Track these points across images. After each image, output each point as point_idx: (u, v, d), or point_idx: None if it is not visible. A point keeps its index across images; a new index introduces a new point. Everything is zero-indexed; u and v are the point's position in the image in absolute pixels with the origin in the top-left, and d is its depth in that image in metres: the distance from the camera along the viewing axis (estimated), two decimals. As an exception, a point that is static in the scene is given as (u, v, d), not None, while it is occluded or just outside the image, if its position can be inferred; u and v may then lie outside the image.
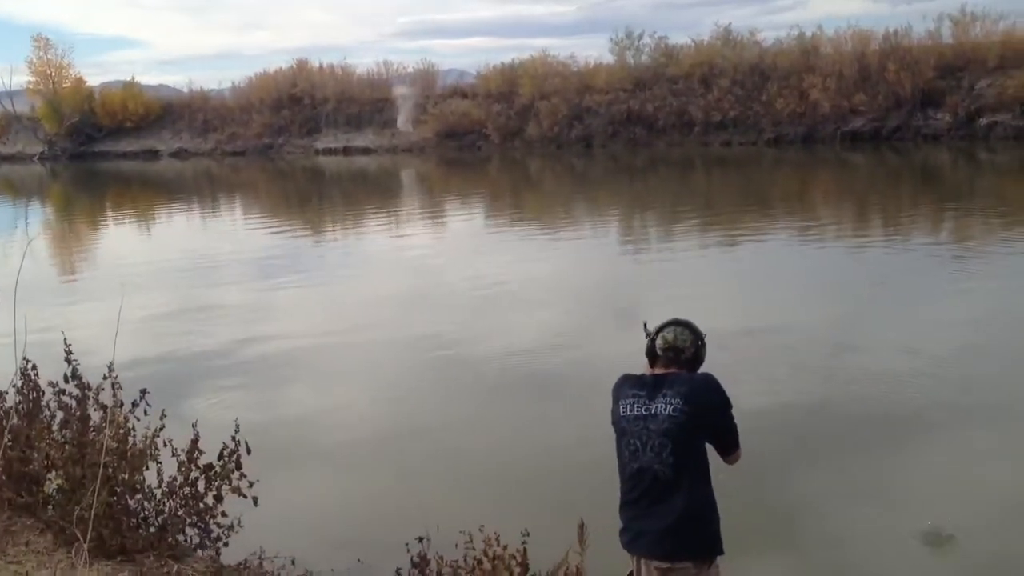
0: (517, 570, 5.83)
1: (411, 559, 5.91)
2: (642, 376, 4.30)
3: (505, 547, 5.80)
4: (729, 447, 4.23)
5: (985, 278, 14.92)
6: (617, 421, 4.26)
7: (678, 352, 4.26)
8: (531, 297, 15.24)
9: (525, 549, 5.81)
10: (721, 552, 4.20)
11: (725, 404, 4.16)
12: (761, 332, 11.91)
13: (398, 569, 5.86)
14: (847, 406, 9.18)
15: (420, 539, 5.97)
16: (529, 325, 13.15)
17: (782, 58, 45.06)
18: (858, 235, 20.16)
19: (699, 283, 15.37)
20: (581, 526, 5.68)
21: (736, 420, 4.22)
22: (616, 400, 4.30)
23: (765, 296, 14.29)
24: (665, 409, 4.09)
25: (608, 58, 52.09)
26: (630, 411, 4.19)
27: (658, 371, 4.30)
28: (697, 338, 4.31)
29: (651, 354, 4.35)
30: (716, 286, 15.12)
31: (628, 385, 4.27)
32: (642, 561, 4.24)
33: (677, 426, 4.06)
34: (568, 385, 10.23)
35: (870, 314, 12.88)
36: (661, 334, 4.31)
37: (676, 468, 4.07)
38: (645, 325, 4.44)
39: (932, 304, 13.11)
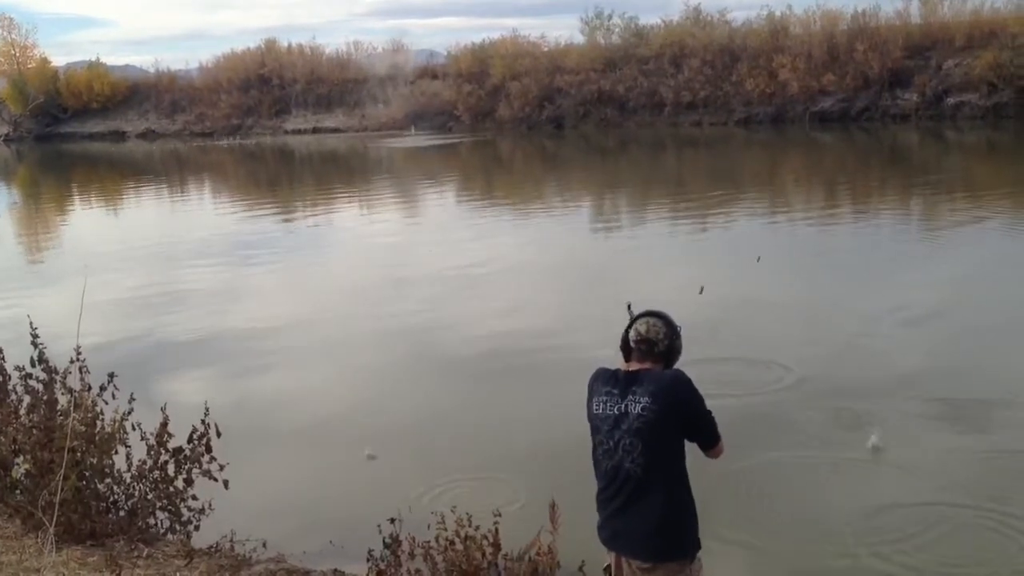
0: (489, 550, 5.85)
1: (383, 540, 5.90)
2: (616, 372, 4.18)
3: (477, 527, 5.82)
4: (707, 443, 4.15)
5: (951, 255, 15.10)
6: (591, 418, 4.19)
7: (651, 345, 4.13)
8: (503, 278, 15.24)
9: (497, 529, 5.83)
10: (699, 547, 4.19)
11: (694, 399, 4.05)
12: (729, 307, 11.98)
13: (370, 550, 5.86)
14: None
15: (392, 520, 5.96)
16: (502, 306, 13.15)
17: (752, 38, 45.13)
18: (827, 214, 20.27)
19: (670, 262, 15.43)
20: (552, 506, 5.71)
21: (712, 415, 4.13)
22: (590, 396, 4.21)
23: (734, 274, 14.36)
24: (634, 408, 4.02)
25: (579, 38, 52.16)
26: (602, 410, 4.11)
27: (632, 366, 4.18)
28: (671, 330, 4.18)
29: (625, 347, 4.23)
30: (686, 265, 15.18)
31: (601, 382, 4.17)
32: (623, 559, 4.22)
33: (647, 425, 3.99)
34: (539, 366, 10.24)
35: (837, 289, 12.97)
36: (634, 326, 4.20)
37: (647, 468, 4.01)
38: (629, 306, 4.35)
39: (896, 279, 13.23)
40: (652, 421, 3.97)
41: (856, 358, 9.98)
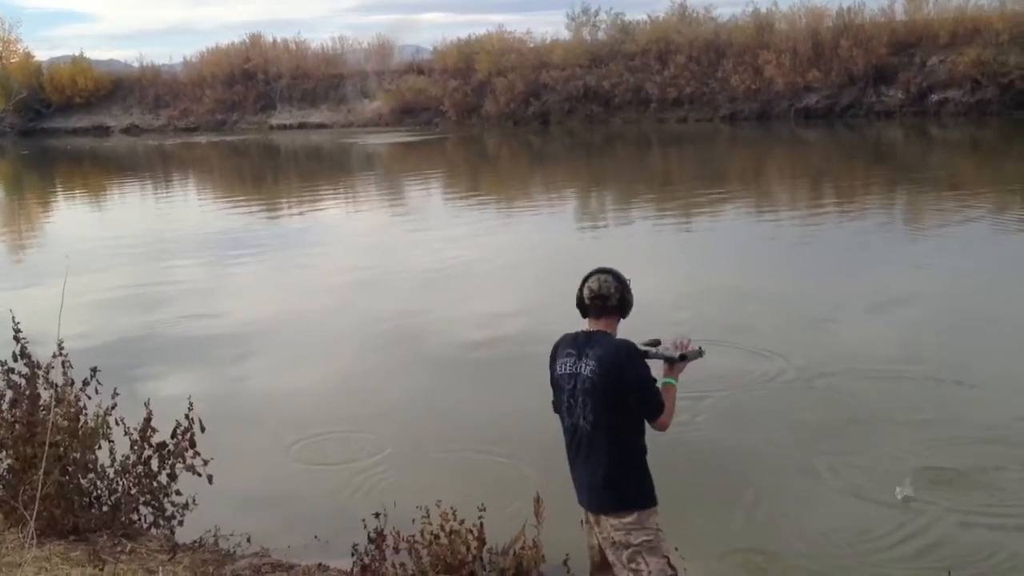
0: (474, 544, 5.86)
1: (368, 535, 5.90)
2: (576, 335, 4.45)
3: (462, 521, 5.82)
4: (649, 414, 4.34)
5: (937, 251, 15.20)
6: (555, 381, 4.47)
7: (604, 300, 4.37)
8: (488, 274, 15.26)
9: (482, 523, 5.83)
10: (650, 505, 4.31)
11: (635, 368, 4.26)
12: (717, 303, 12.02)
13: (355, 545, 5.86)
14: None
15: (377, 515, 5.96)
16: (487, 302, 13.16)
17: (737, 34, 45.18)
18: (812, 211, 20.33)
19: (656, 258, 15.45)
20: (537, 500, 5.72)
21: (655, 386, 4.31)
22: (553, 359, 4.50)
23: (721, 270, 14.45)
24: (585, 369, 4.31)
25: (564, 34, 52.00)
26: (563, 370, 4.40)
27: (590, 326, 4.44)
28: (621, 284, 4.38)
29: (581, 306, 4.47)
30: (671, 261, 15.21)
31: (564, 344, 4.46)
32: (587, 511, 4.50)
33: (593, 386, 4.27)
34: (524, 360, 10.20)
35: (823, 287, 13.02)
36: (587, 284, 4.43)
37: (595, 425, 4.28)
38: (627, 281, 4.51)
39: (883, 277, 13.30)
40: (597, 384, 4.25)
41: (841, 346, 10.06)
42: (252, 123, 56.28)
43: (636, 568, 4.25)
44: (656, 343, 4.59)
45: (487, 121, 48.18)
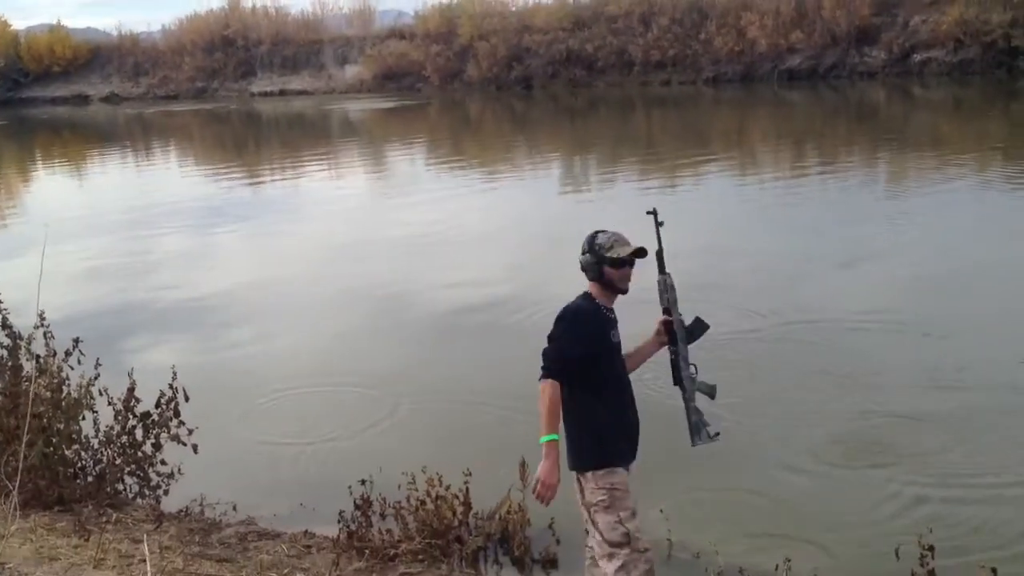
0: (460, 509, 5.90)
1: (354, 501, 5.93)
2: None
3: (448, 487, 5.85)
4: None
5: (917, 208, 15.29)
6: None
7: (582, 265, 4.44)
8: (472, 240, 15.21)
9: (468, 488, 5.87)
10: (591, 468, 4.31)
11: (553, 328, 4.32)
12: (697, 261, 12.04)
13: (341, 512, 5.88)
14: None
15: (363, 482, 5.99)
16: (470, 268, 13.13)
17: (720, -4, 44.91)
18: (794, 172, 20.32)
19: (639, 221, 15.43)
20: (523, 464, 5.75)
21: (552, 346, 4.29)
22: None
23: (703, 230, 14.48)
24: None
25: (547, -3, 51.56)
26: None
27: None
28: (583, 248, 4.40)
29: None
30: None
31: None
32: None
33: None
34: (508, 326, 10.24)
35: (807, 248, 13.06)
36: None
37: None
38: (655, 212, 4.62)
39: (861, 234, 13.36)
40: None
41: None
42: (233, 90, 55.78)
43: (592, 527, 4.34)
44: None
45: (470, 86, 47.87)
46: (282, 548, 5.85)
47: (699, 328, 4.62)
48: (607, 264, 4.28)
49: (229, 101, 53.01)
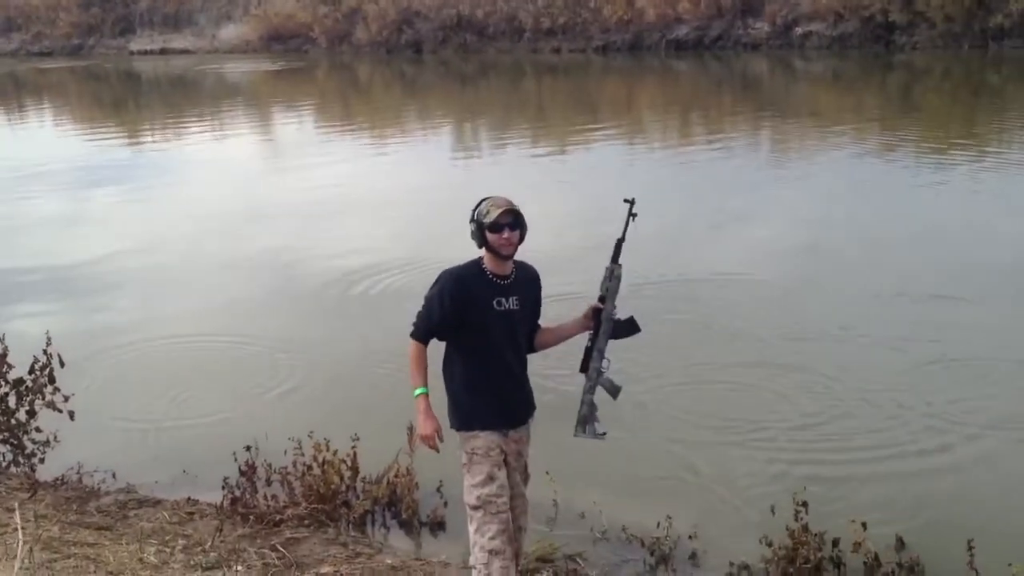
0: (348, 474, 5.88)
1: (239, 467, 5.87)
2: None
3: (335, 452, 5.83)
4: None
5: (797, 177, 15.82)
6: None
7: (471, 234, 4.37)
8: (361, 206, 15.06)
9: (355, 453, 5.85)
10: (455, 428, 4.36)
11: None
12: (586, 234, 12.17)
13: (225, 478, 5.81)
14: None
15: (248, 448, 5.92)
16: (359, 234, 13.00)
17: (610, -36, 45.11)
18: (682, 142, 20.69)
19: (529, 190, 15.49)
20: (411, 429, 5.75)
21: (423, 308, 4.36)
22: None
23: (586, 196, 14.73)
24: None
25: (438, -41, 51.00)
26: None
27: None
28: (469, 218, 4.34)
29: None
30: (545, 192, 15.28)
31: None
32: None
33: None
34: (397, 292, 10.19)
35: (687, 212, 13.35)
36: None
37: None
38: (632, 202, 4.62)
39: (741, 199, 13.72)
40: None
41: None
42: (111, 48, 53.80)
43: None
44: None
45: (359, 49, 47.18)
46: (163, 515, 5.75)
47: (627, 328, 4.51)
48: (487, 230, 4.25)
49: (107, 59, 51.13)
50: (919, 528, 5.40)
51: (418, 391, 4.27)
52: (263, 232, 13.39)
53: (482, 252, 4.32)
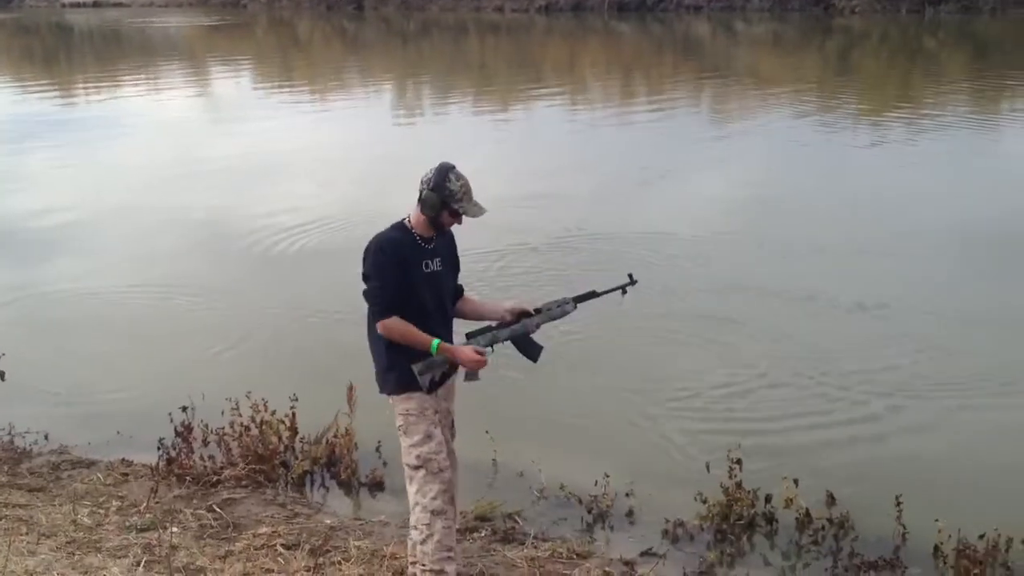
0: (286, 434, 5.85)
1: (175, 428, 5.80)
2: None
3: (274, 412, 5.79)
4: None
5: (741, 140, 15.95)
6: None
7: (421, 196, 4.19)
8: (299, 165, 14.86)
9: (294, 413, 5.82)
10: (387, 392, 4.28)
11: (363, 264, 4.21)
12: (532, 197, 12.17)
13: (161, 439, 5.74)
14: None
15: (184, 408, 5.85)
16: (298, 194, 12.85)
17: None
18: (624, 104, 20.71)
19: (471, 150, 15.44)
20: (350, 389, 5.72)
21: (373, 287, 4.17)
22: None
23: (524, 155, 14.76)
24: None
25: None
26: None
27: None
28: (430, 183, 4.13)
29: None
30: (487, 152, 15.24)
31: None
32: None
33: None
34: (335, 253, 10.09)
35: (625, 174, 13.40)
36: None
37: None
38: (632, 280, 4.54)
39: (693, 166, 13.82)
40: None
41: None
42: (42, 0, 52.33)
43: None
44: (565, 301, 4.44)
45: (298, 5, 46.45)
46: (98, 476, 5.67)
47: (528, 348, 4.41)
48: (448, 211, 4.20)
49: (37, 11, 49.65)
50: (849, 485, 5.52)
51: (433, 343, 4.15)
52: (198, 189, 13.16)
53: (411, 214, 4.26)
